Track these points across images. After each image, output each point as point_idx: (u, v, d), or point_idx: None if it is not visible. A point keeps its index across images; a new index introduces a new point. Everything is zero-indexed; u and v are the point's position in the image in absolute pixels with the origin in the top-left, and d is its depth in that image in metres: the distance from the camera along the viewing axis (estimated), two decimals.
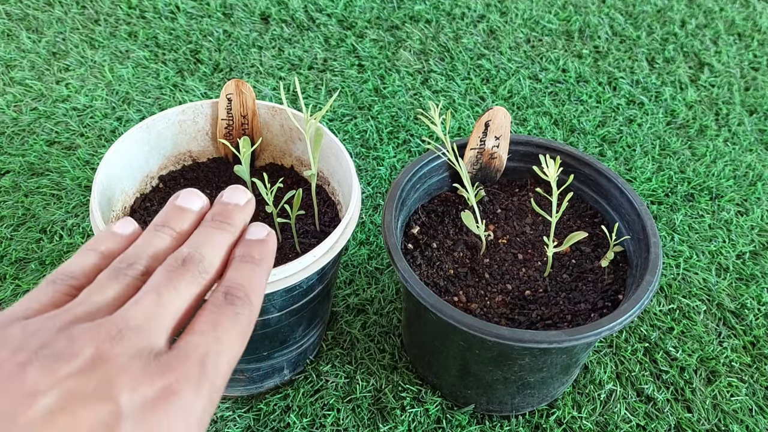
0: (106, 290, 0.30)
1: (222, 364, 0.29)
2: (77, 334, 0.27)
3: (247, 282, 0.32)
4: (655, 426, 0.61)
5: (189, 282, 0.31)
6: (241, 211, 0.36)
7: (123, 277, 0.31)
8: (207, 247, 0.33)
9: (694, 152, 0.88)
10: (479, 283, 0.57)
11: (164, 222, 0.35)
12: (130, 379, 0.26)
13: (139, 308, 0.29)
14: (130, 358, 0.27)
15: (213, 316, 0.30)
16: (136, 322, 0.28)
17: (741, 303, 0.71)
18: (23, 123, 0.85)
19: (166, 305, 0.30)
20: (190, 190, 0.36)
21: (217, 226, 0.34)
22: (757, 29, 1.11)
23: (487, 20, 1.08)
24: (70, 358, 0.26)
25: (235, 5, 1.06)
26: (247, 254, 0.34)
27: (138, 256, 0.32)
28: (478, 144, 0.61)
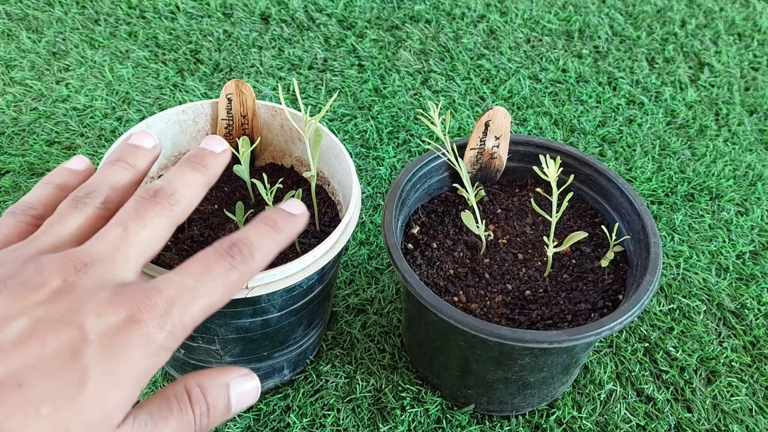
0: (67, 221, 0.31)
1: (195, 308, 0.29)
2: (45, 264, 0.27)
3: (258, 242, 0.32)
4: (655, 426, 0.61)
5: (158, 214, 0.31)
6: (215, 158, 0.36)
7: (83, 206, 0.31)
8: (180, 182, 0.33)
9: (694, 152, 0.88)
10: (479, 283, 0.57)
11: (119, 157, 0.35)
12: (95, 306, 0.27)
13: (104, 241, 0.29)
14: (97, 288, 0.27)
15: (207, 259, 0.30)
16: (102, 255, 0.28)
17: (741, 303, 0.71)
18: (23, 123, 0.85)
19: (133, 238, 0.30)
20: (143, 131, 0.36)
21: (191, 166, 0.35)
22: (757, 29, 1.11)
23: (487, 20, 1.08)
24: (38, 287, 0.27)
25: (235, 5, 1.06)
26: (271, 218, 0.34)
27: (96, 186, 0.33)
28: (478, 144, 0.61)
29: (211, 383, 0.31)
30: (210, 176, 0.35)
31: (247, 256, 0.31)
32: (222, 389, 0.31)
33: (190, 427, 0.29)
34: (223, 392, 0.31)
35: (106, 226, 0.30)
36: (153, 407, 0.29)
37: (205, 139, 0.37)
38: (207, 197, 0.62)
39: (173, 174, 0.34)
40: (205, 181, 0.35)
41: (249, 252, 0.31)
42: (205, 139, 0.37)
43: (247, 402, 0.32)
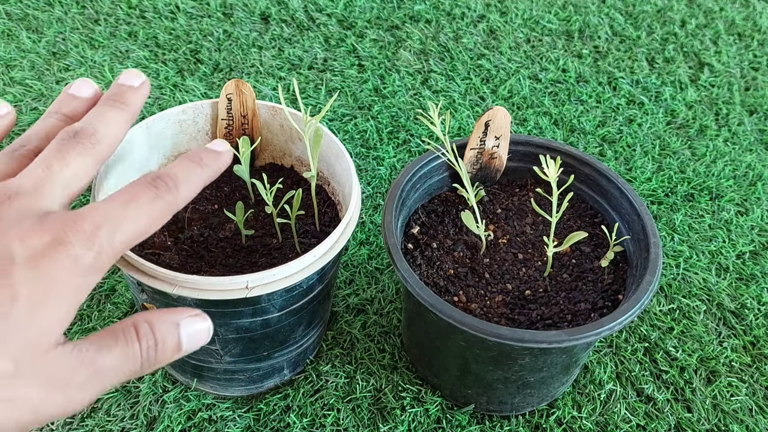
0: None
1: (121, 232, 0.30)
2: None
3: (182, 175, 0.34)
4: (655, 426, 0.61)
5: (79, 152, 0.32)
6: (134, 92, 0.37)
7: (14, 155, 0.33)
8: (99, 122, 0.34)
9: (694, 152, 0.88)
10: (479, 283, 0.57)
11: (56, 109, 0.36)
12: (20, 232, 0.28)
13: (28, 177, 0.31)
14: (22, 216, 0.29)
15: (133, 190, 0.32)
16: (25, 188, 0.30)
17: (741, 303, 0.71)
18: (23, 123, 0.85)
19: (57, 175, 0.31)
20: (82, 79, 0.38)
21: (110, 105, 0.36)
22: (757, 29, 1.11)
23: (487, 20, 1.08)
24: None
25: (235, 5, 1.06)
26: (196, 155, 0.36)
27: (28, 138, 0.34)
28: (478, 144, 0.61)
29: (160, 320, 0.32)
30: (131, 112, 0.36)
31: (172, 188, 0.32)
32: (172, 327, 0.32)
33: (136, 360, 0.30)
34: (173, 330, 0.32)
35: (30, 165, 0.32)
36: (97, 337, 0.30)
37: (124, 73, 0.38)
38: (207, 197, 0.62)
39: (93, 114, 0.35)
40: (126, 117, 0.36)
41: (174, 184, 0.33)
42: (124, 73, 0.38)
43: (198, 342, 0.33)
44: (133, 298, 0.67)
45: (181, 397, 0.60)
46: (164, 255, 0.55)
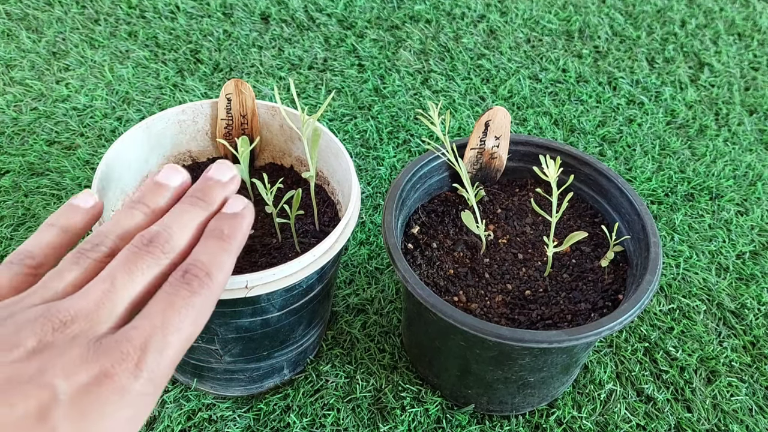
0: (65, 275, 0.30)
1: (168, 347, 0.28)
2: (22, 323, 0.27)
3: (210, 259, 0.31)
4: (655, 426, 0.61)
5: (149, 265, 0.30)
6: (222, 188, 0.34)
7: (84, 260, 0.30)
8: (177, 226, 0.32)
9: (694, 152, 0.88)
10: (479, 283, 0.57)
11: (140, 198, 0.34)
12: (66, 365, 0.26)
13: (88, 298, 0.29)
14: (71, 346, 0.27)
15: (166, 298, 0.29)
16: (83, 312, 0.28)
17: (741, 303, 0.71)
18: (23, 123, 0.85)
19: (118, 293, 0.29)
20: (172, 166, 0.35)
21: (193, 203, 0.33)
22: (757, 29, 1.11)
23: (487, 20, 1.08)
24: (13, 347, 0.26)
25: (235, 5, 1.06)
26: (217, 229, 0.32)
27: (105, 236, 0.32)
28: (478, 144, 0.61)
29: None
30: (212, 210, 0.34)
31: (205, 279, 0.30)
32: None
33: None
34: None
35: (95, 279, 0.29)
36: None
37: (214, 165, 0.35)
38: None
39: (173, 216, 0.32)
40: (206, 217, 0.33)
41: (205, 275, 0.30)
42: (215, 165, 0.35)
43: None
44: None
45: (181, 397, 0.60)
46: None
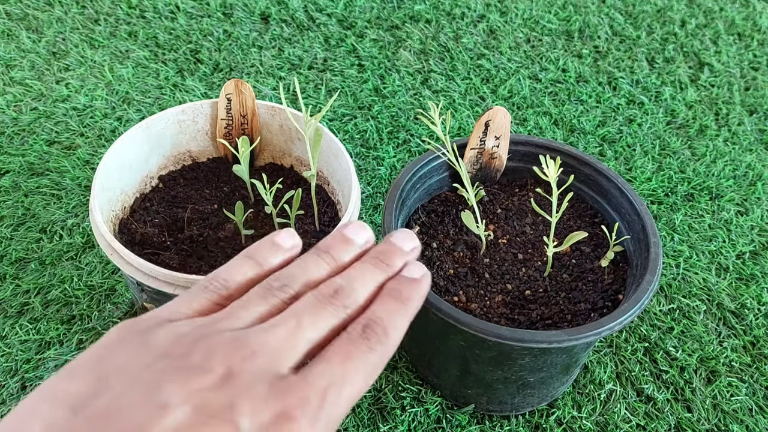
0: (252, 308, 0.31)
1: (343, 398, 0.29)
2: (214, 347, 0.28)
3: (388, 318, 0.32)
4: (655, 426, 0.61)
5: (331, 314, 0.31)
6: (403, 255, 0.36)
7: (272, 298, 0.32)
8: (359, 282, 0.33)
9: (694, 152, 0.88)
10: (479, 283, 0.57)
11: (328, 249, 0.35)
12: (252, 401, 0.27)
13: (276, 333, 0.29)
14: (257, 380, 0.28)
15: (345, 347, 0.30)
16: (270, 346, 0.29)
17: (741, 303, 0.71)
18: (23, 123, 0.85)
19: (303, 333, 0.30)
20: (360, 224, 0.36)
21: (376, 264, 0.35)
22: (757, 29, 1.11)
23: (487, 20, 1.08)
24: (204, 372, 0.27)
25: (235, 5, 1.06)
26: (396, 290, 0.34)
27: (293, 279, 0.33)
28: (478, 144, 0.61)
29: None
30: (391, 274, 0.35)
31: (382, 336, 0.31)
32: None
33: None
34: None
35: (282, 315, 0.31)
36: None
37: (398, 233, 0.37)
38: (206, 197, 0.62)
39: (356, 272, 0.34)
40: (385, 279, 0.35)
41: (383, 332, 0.31)
42: (399, 232, 0.37)
43: None
44: (133, 298, 0.67)
45: None
46: (164, 255, 0.55)
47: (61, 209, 0.75)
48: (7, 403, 0.59)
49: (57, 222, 0.74)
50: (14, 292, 0.68)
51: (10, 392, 0.60)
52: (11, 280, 0.69)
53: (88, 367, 0.27)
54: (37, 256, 0.71)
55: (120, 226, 0.58)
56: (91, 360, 0.28)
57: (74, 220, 0.74)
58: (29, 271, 0.70)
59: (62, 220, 0.74)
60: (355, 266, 0.34)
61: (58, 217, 0.75)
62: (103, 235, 0.50)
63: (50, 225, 0.74)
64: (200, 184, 0.63)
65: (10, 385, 0.61)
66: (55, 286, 0.68)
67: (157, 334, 0.29)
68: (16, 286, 0.68)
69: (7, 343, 0.64)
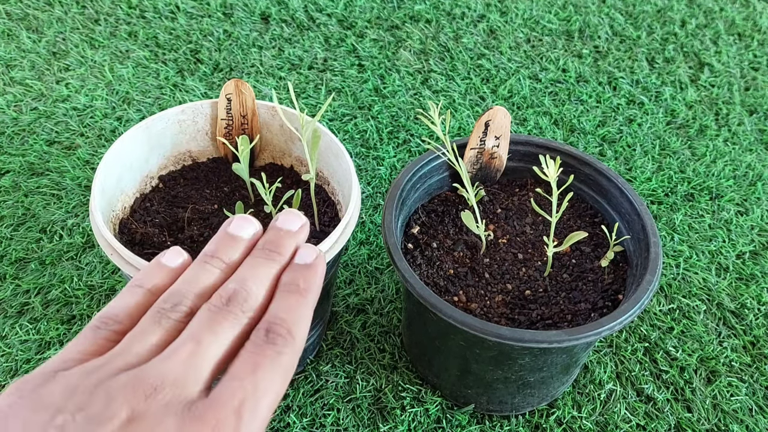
0: (148, 337, 0.29)
1: (261, 409, 0.28)
2: (113, 392, 0.27)
3: (289, 315, 0.31)
4: (655, 426, 0.61)
5: (231, 324, 0.30)
6: (292, 238, 0.34)
7: (166, 321, 0.30)
8: (253, 281, 0.31)
9: (694, 152, 0.88)
10: (479, 283, 0.57)
11: (214, 252, 0.33)
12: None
13: (176, 360, 0.28)
14: (165, 414, 0.26)
15: (252, 358, 0.29)
16: (172, 376, 0.27)
17: (741, 303, 0.71)
18: (23, 123, 0.85)
19: (205, 353, 0.29)
20: (243, 217, 0.35)
21: (266, 256, 0.33)
22: (757, 29, 1.11)
23: (487, 20, 1.08)
24: (106, 421, 0.26)
25: (235, 5, 1.06)
26: (292, 282, 0.32)
27: (183, 296, 0.31)
28: (478, 144, 0.61)
29: None
30: (285, 262, 0.33)
31: (287, 337, 0.30)
32: None
33: None
34: None
35: (179, 339, 0.29)
36: None
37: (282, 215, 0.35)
38: (206, 197, 0.62)
39: (247, 270, 0.32)
40: (280, 269, 0.33)
41: (287, 332, 0.30)
42: (283, 214, 0.35)
43: None
44: None
45: None
46: None
47: (61, 209, 0.75)
48: None
49: (57, 222, 0.74)
50: (14, 292, 0.68)
51: None
52: (11, 280, 0.69)
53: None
54: (37, 256, 0.71)
55: (120, 226, 0.58)
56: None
57: (74, 220, 0.74)
58: (29, 271, 0.70)
59: (62, 220, 0.74)
60: (245, 263, 0.33)
61: (58, 217, 0.75)
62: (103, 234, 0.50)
63: (50, 225, 0.74)
64: (200, 184, 0.63)
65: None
66: (55, 286, 0.68)
67: (49, 389, 0.27)
68: (16, 286, 0.68)
69: (7, 343, 0.64)
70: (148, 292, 0.32)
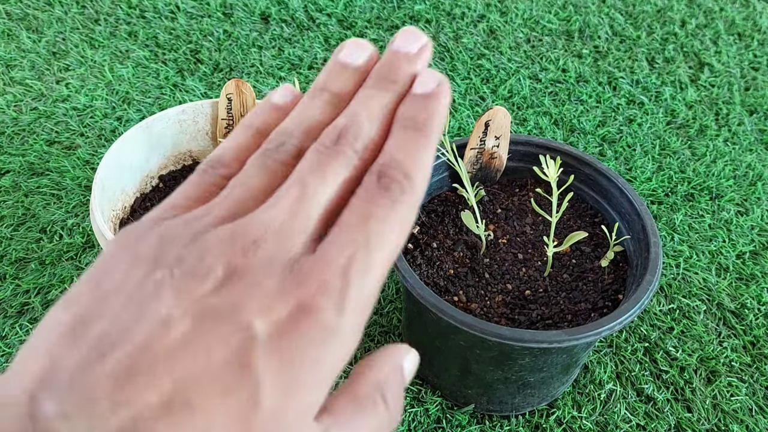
0: (251, 180, 0.26)
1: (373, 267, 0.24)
2: (210, 245, 0.24)
3: (407, 156, 0.26)
4: (655, 426, 0.61)
5: (340, 164, 0.26)
6: (410, 62, 0.29)
7: (272, 162, 0.27)
8: (364, 116, 0.27)
9: (694, 152, 0.88)
10: (479, 283, 0.57)
11: (323, 84, 0.29)
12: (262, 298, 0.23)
13: (280, 208, 0.25)
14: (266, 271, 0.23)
15: (363, 207, 0.25)
16: (274, 226, 0.24)
17: (741, 303, 0.71)
18: (23, 123, 0.85)
19: (312, 198, 0.25)
20: (356, 41, 0.30)
21: (379, 86, 0.29)
22: (757, 29, 1.11)
23: (487, 20, 1.08)
24: (203, 277, 0.23)
25: (235, 5, 1.06)
26: (409, 116, 0.28)
27: (289, 134, 0.28)
28: (478, 144, 0.61)
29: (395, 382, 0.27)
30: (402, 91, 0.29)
31: (404, 182, 0.25)
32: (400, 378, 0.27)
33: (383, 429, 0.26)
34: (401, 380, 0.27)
35: (284, 185, 0.26)
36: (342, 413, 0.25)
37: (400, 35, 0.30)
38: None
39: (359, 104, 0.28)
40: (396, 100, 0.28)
41: (404, 176, 0.26)
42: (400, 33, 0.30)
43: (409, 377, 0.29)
44: None
45: None
46: None
47: (61, 209, 0.75)
48: None
49: (57, 222, 0.74)
50: (14, 292, 0.68)
51: None
52: (11, 280, 0.69)
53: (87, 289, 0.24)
54: (37, 256, 0.71)
55: (120, 226, 0.58)
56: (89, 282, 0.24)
57: (74, 220, 0.74)
58: (29, 271, 0.70)
59: (62, 220, 0.74)
60: (357, 96, 0.29)
61: (58, 217, 0.75)
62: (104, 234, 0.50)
63: (50, 225, 0.74)
64: None
65: None
66: (55, 286, 0.68)
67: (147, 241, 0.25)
68: (16, 286, 0.68)
69: (7, 343, 0.64)
70: (256, 132, 0.29)
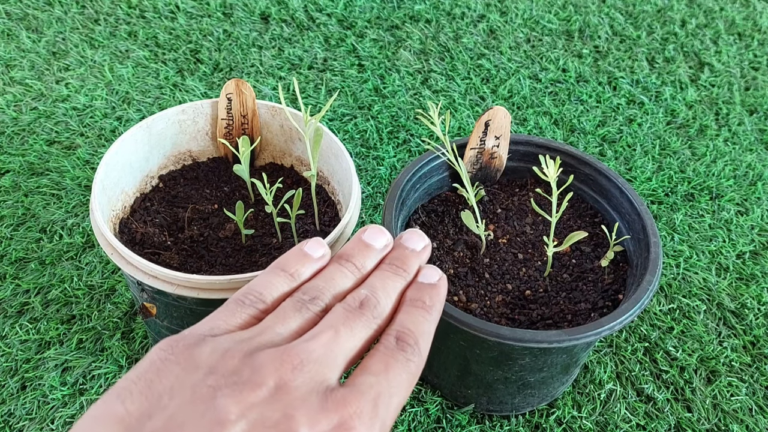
0: (289, 322, 0.31)
1: (393, 405, 0.30)
2: (262, 362, 0.28)
3: (416, 328, 0.33)
4: (655, 426, 0.61)
5: (363, 325, 0.32)
6: (417, 257, 0.37)
7: (305, 311, 0.32)
8: (382, 291, 0.34)
9: (694, 152, 0.88)
10: (479, 283, 0.57)
11: (349, 257, 0.36)
12: (308, 412, 0.27)
13: (318, 342, 0.30)
14: (309, 391, 0.28)
15: (385, 359, 0.31)
16: (315, 355, 0.29)
17: (741, 303, 0.71)
18: (23, 123, 0.85)
19: (342, 344, 0.31)
20: (377, 228, 0.37)
21: (394, 271, 0.35)
22: (757, 29, 1.11)
23: (487, 20, 1.08)
24: (256, 387, 0.27)
25: (235, 5, 1.06)
26: (418, 299, 0.35)
27: (322, 292, 0.33)
28: (478, 144, 0.61)
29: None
30: (410, 278, 0.36)
31: (415, 347, 0.32)
32: None
33: None
34: None
35: (318, 326, 0.31)
36: None
37: (407, 234, 0.38)
38: (207, 197, 0.62)
39: (377, 281, 0.35)
40: (405, 285, 0.36)
41: (415, 342, 0.32)
42: (407, 233, 0.38)
43: None
44: (133, 297, 0.67)
45: None
46: (164, 255, 0.55)
47: (61, 209, 0.75)
48: (7, 403, 0.59)
49: (57, 222, 0.74)
50: (14, 292, 0.68)
51: (10, 392, 0.60)
52: (11, 280, 0.69)
53: (139, 388, 0.27)
54: (37, 256, 0.71)
55: (120, 226, 0.58)
56: (139, 381, 0.27)
57: (74, 220, 0.74)
58: (29, 271, 0.70)
59: (62, 220, 0.74)
60: (375, 275, 0.35)
61: (58, 217, 0.75)
62: (104, 234, 0.50)
63: (50, 225, 0.74)
64: (200, 183, 0.63)
65: (10, 385, 0.61)
66: (55, 286, 0.68)
67: (202, 351, 0.28)
68: (16, 286, 0.68)
69: (7, 343, 0.64)
70: (290, 278, 0.34)
